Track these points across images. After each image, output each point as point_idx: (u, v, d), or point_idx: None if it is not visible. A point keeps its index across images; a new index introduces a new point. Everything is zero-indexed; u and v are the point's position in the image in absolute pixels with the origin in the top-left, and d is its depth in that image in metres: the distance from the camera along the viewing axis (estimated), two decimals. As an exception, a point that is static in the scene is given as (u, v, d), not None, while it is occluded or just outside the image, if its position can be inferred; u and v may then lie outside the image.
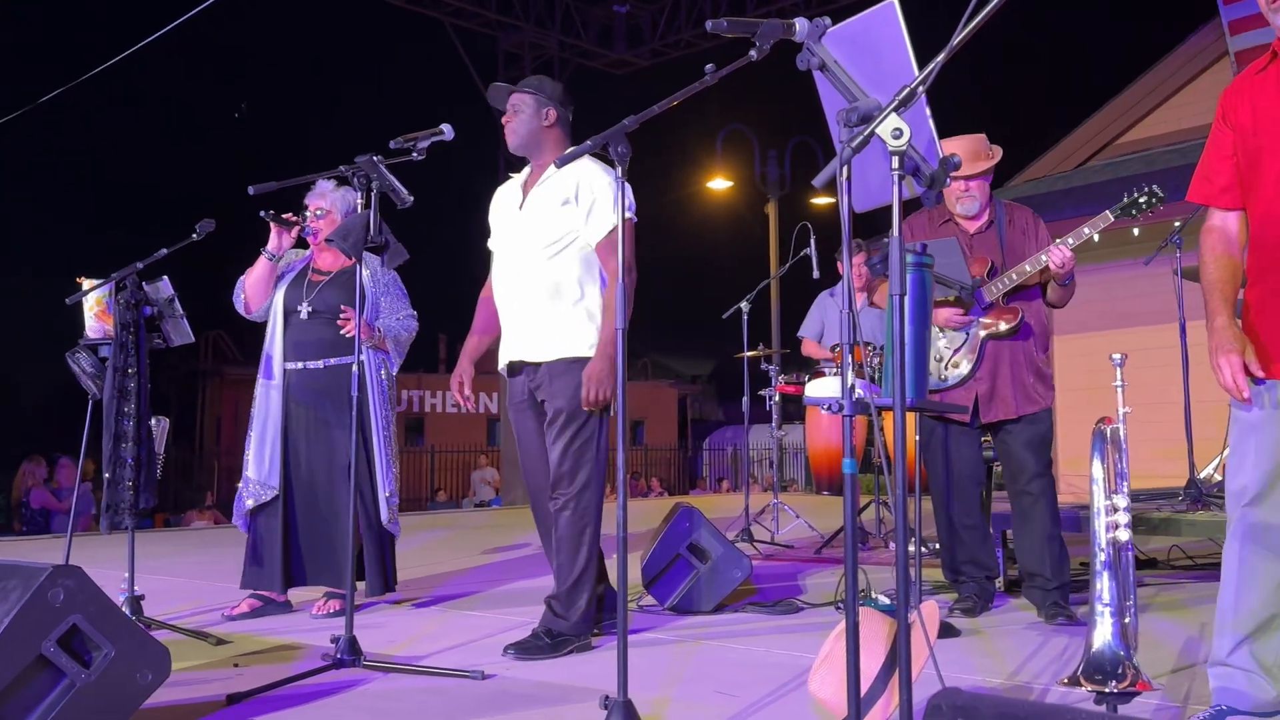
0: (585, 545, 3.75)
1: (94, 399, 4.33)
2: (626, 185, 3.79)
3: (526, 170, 4.03)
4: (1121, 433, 2.51)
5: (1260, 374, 2.58)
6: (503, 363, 3.97)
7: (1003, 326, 4.24)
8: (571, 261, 3.82)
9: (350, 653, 3.41)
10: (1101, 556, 2.40)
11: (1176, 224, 7.25)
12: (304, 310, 4.59)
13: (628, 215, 3.78)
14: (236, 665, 3.62)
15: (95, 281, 4.38)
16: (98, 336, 4.35)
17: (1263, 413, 2.60)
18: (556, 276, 3.81)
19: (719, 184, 19.83)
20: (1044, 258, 4.10)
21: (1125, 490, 2.48)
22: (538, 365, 3.84)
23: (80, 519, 10.85)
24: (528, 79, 4.00)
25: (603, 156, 3.01)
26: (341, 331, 4.45)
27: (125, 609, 3.98)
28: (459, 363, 4.10)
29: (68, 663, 2.50)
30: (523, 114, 3.91)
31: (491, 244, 4.09)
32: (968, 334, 4.28)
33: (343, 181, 4.58)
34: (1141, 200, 4.17)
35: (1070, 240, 4.09)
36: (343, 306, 4.47)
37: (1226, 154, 2.76)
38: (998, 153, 4.36)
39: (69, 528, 4.63)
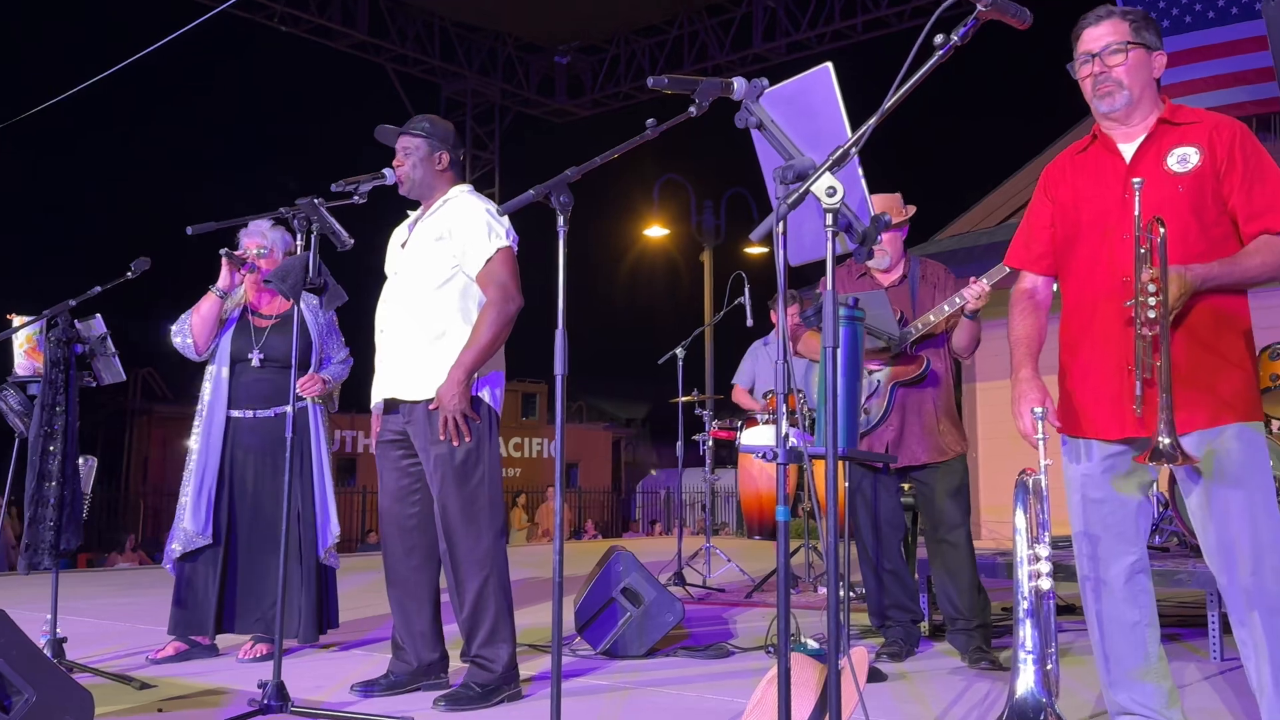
0: (492, 594, 3.67)
1: (20, 437, 4.26)
2: (500, 214, 3.80)
3: (420, 210, 3.97)
4: (1043, 483, 2.60)
5: (1057, 424, 2.75)
6: (376, 399, 3.87)
7: (910, 374, 4.35)
8: (451, 298, 3.75)
9: (277, 698, 3.35)
10: (1024, 605, 2.47)
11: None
12: (255, 358, 4.57)
13: (506, 243, 3.77)
14: (160, 710, 3.56)
15: (26, 318, 4.32)
16: (26, 374, 4.29)
17: (1079, 467, 2.77)
18: (434, 313, 3.75)
19: (655, 231, 20.02)
20: (958, 299, 4.22)
21: (1047, 540, 2.56)
22: (413, 404, 3.75)
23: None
24: (415, 120, 3.92)
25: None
26: (301, 394, 4.32)
27: (47, 652, 3.90)
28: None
29: (-10, 707, 2.46)
30: (414, 158, 3.86)
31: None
32: (878, 382, 4.38)
33: (280, 222, 4.57)
34: None
35: (985, 280, 4.20)
36: (300, 381, 4.32)
37: (1045, 224, 2.93)
38: (911, 210, 4.54)
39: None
